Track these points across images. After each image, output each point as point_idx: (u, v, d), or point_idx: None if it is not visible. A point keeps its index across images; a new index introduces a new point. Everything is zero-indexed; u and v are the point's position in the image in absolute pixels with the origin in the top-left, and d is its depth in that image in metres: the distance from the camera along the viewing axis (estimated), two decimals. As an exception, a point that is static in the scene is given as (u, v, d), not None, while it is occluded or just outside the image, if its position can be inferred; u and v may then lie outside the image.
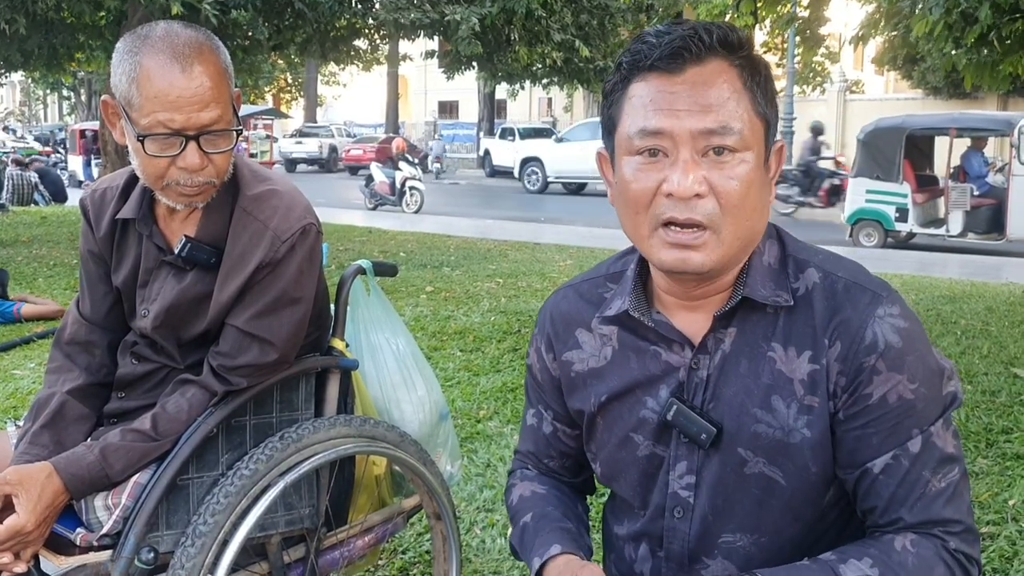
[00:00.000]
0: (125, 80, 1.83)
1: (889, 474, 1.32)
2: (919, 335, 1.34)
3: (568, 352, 1.56)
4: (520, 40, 13.65)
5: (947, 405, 1.36)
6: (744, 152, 1.29)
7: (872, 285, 1.36)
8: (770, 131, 1.34)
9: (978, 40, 5.95)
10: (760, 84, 1.32)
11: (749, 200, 1.31)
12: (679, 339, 1.43)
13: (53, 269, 9.77)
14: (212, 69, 1.84)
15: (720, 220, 1.30)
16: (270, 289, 1.99)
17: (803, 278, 1.39)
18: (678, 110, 1.29)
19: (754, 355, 1.38)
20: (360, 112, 55.64)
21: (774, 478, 1.38)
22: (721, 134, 1.28)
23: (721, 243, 1.32)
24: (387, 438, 2.25)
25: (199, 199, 1.94)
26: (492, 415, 4.72)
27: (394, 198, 19.18)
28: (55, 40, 12.90)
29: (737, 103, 1.29)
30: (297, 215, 2.01)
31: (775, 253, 1.42)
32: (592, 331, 1.54)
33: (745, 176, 1.29)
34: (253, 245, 1.97)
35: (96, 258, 2.12)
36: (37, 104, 62.06)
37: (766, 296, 1.37)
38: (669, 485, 1.46)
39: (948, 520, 1.31)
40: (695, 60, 1.29)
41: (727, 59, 1.30)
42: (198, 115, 1.82)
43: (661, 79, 1.31)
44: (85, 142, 25.54)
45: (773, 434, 1.36)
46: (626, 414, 1.49)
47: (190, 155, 1.84)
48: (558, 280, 9.29)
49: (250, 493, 1.99)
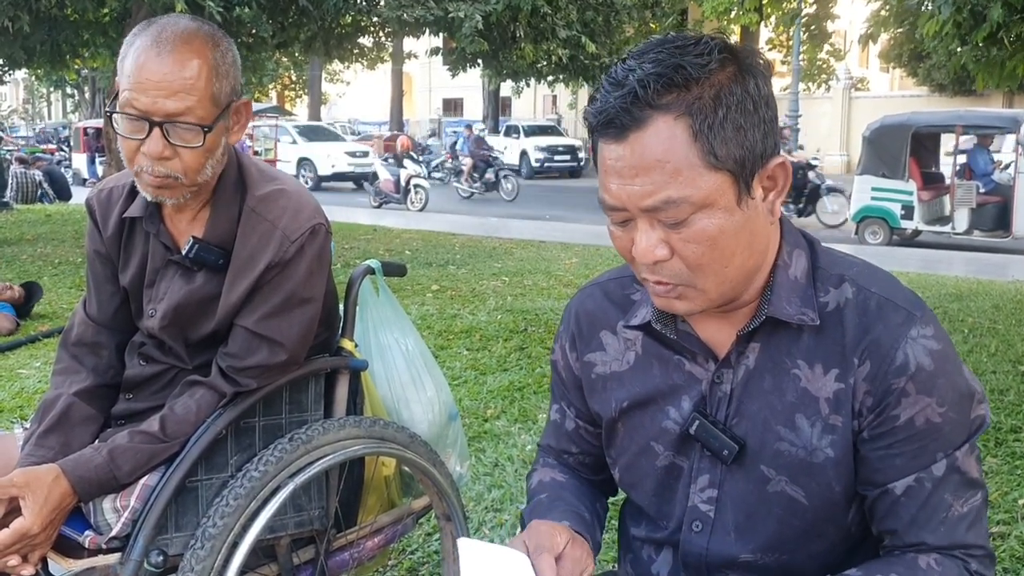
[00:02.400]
0: (120, 60, 1.85)
1: (911, 496, 1.30)
2: (951, 357, 1.31)
3: (591, 353, 1.54)
4: (525, 37, 13.66)
5: (974, 430, 1.32)
6: (698, 212, 1.22)
7: (906, 303, 1.32)
8: (746, 166, 1.23)
9: (987, 39, 5.91)
10: (719, 123, 1.20)
11: (720, 250, 1.25)
12: (702, 351, 1.40)
13: (58, 268, 9.77)
14: (196, 60, 1.81)
15: (691, 278, 1.27)
16: (279, 290, 1.97)
17: (834, 293, 1.34)
18: (625, 181, 1.23)
19: (779, 372, 1.35)
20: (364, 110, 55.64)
21: (796, 497, 1.35)
22: (663, 209, 1.21)
23: (702, 292, 1.29)
24: (397, 439, 2.24)
25: (165, 193, 1.89)
26: (500, 414, 4.71)
27: (399, 196, 19.18)
28: (58, 37, 12.91)
29: (680, 169, 1.20)
30: (306, 215, 1.99)
31: (803, 266, 1.36)
32: (617, 334, 1.51)
33: (707, 233, 1.23)
34: (262, 245, 1.95)
35: (103, 258, 2.11)
36: (41, 102, 62.08)
37: (791, 315, 1.32)
38: (689, 498, 1.43)
39: (971, 545, 1.30)
40: (635, 124, 1.20)
41: (670, 112, 1.19)
42: (164, 102, 1.79)
43: (609, 144, 1.24)
44: (89, 140, 25.53)
45: (796, 453, 1.34)
46: (648, 423, 1.46)
47: (151, 141, 1.82)
48: (564, 278, 9.28)
49: (260, 495, 1.97)
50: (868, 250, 12.47)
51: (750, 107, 1.22)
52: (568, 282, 9.04)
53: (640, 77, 1.19)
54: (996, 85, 7.36)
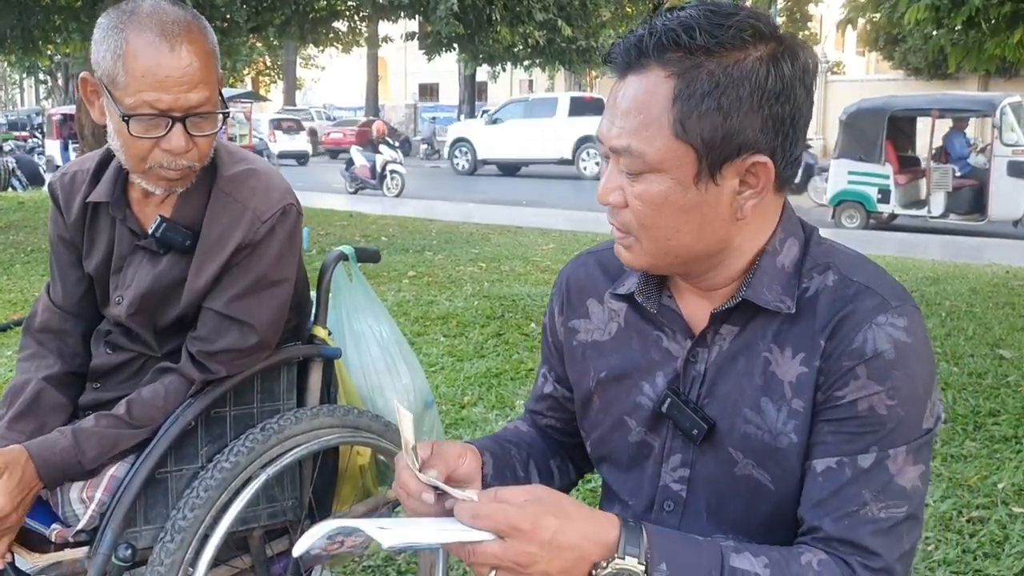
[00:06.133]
0: (109, 57, 1.76)
1: (827, 478, 1.24)
2: (920, 356, 1.24)
3: (576, 320, 1.53)
4: (501, 20, 13.58)
5: (918, 437, 1.24)
6: (651, 173, 1.23)
7: (885, 291, 1.27)
8: (715, 150, 1.21)
9: (965, 22, 5.91)
10: (701, 96, 1.19)
11: (663, 219, 1.25)
12: (681, 329, 1.39)
13: (30, 255, 9.67)
14: (200, 49, 1.79)
15: (637, 232, 1.28)
16: (249, 271, 1.93)
17: (816, 280, 1.31)
18: (609, 116, 1.27)
19: (752, 355, 1.33)
20: (339, 95, 55.35)
21: (763, 482, 1.32)
22: (623, 155, 1.24)
23: (645, 252, 1.30)
24: (372, 428, 2.20)
25: (180, 184, 1.89)
26: (477, 401, 4.68)
27: (375, 182, 19.07)
28: (29, 23, 12.73)
29: (648, 125, 1.22)
30: (277, 196, 1.96)
31: (793, 255, 1.34)
32: (603, 303, 1.50)
33: (651, 196, 1.24)
34: (232, 226, 1.92)
35: (67, 243, 2.05)
36: (13, 88, 61.40)
37: (768, 300, 1.30)
38: (661, 477, 1.41)
39: (869, 551, 1.21)
40: (634, 68, 1.24)
41: (664, 68, 1.21)
42: (186, 96, 1.76)
43: (614, 80, 1.28)
44: (61, 126, 25.28)
45: (762, 437, 1.31)
46: (623, 396, 1.44)
47: (175, 137, 1.78)
48: (541, 264, 9.25)
49: (231, 486, 1.93)
50: (844, 234, 12.50)
51: (746, 94, 1.20)
52: (545, 267, 9.01)
53: (657, 27, 1.22)
54: (974, 68, 7.37)
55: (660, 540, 1.19)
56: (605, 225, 1.39)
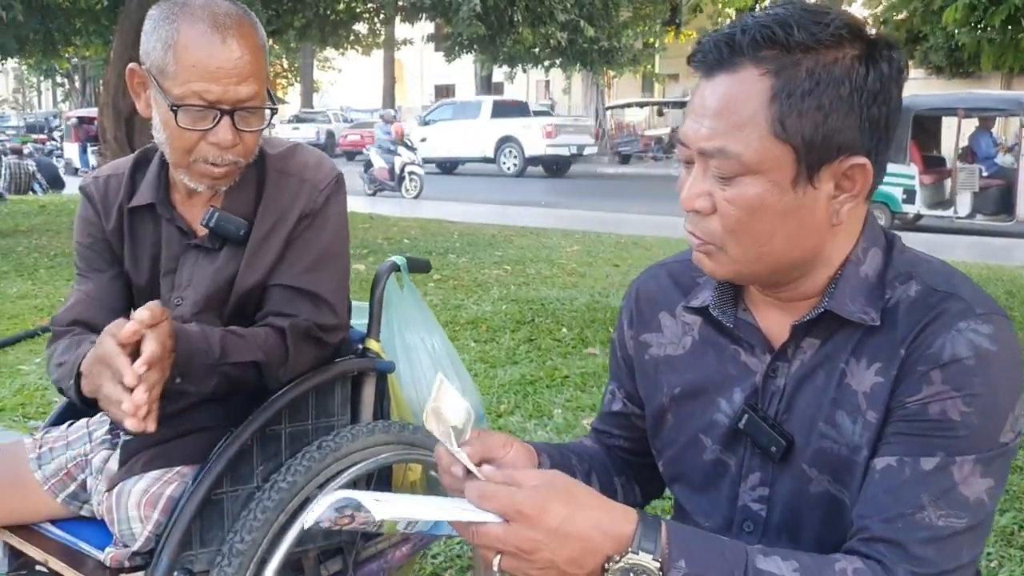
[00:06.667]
0: (160, 47, 1.74)
1: (885, 476, 1.16)
2: (1004, 366, 1.15)
3: (647, 334, 1.48)
4: (523, 21, 13.50)
5: (991, 449, 1.15)
6: (747, 175, 1.17)
7: (970, 298, 1.20)
8: (815, 150, 1.16)
9: (1004, 20, 5.82)
10: (802, 95, 1.14)
11: (758, 224, 1.19)
12: (759, 343, 1.33)
13: (54, 260, 9.63)
14: (251, 43, 1.77)
15: (723, 240, 1.22)
16: (314, 242, 1.94)
17: (899, 290, 1.25)
18: (696, 118, 1.20)
19: (831, 368, 1.26)
20: (356, 97, 55.37)
21: (840, 498, 1.25)
22: (715, 157, 1.18)
23: (732, 260, 1.24)
24: (426, 444, 2.14)
25: (223, 181, 1.86)
26: (513, 409, 4.59)
27: (393, 183, 19.05)
28: (51, 26, 12.75)
29: (744, 124, 1.16)
30: (328, 165, 2.01)
31: (876, 265, 1.27)
32: (676, 317, 1.45)
33: (748, 200, 1.18)
34: (292, 199, 1.93)
35: (103, 243, 1.98)
36: (31, 91, 61.68)
37: (852, 312, 1.24)
38: (740, 497, 1.34)
39: (920, 558, 1.12)
40: (724, 66, 1.18)
41: (760, 66, 1.15)
42: (236, 88, 1.74)
43: (700, 81, 1.22)
44: (79, 129, 25.38)
45: (839, 451, 1.24)
46: (698, 413, 1.39)
47: (223, 130, 1.76)
48: (567, 267, 9.17)
49: (288, 507, 1.87)
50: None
51: (846, 93, 1.15)
52: (572, 270, 8.93)
53: (748, 24, 1.17)
54: (1010, 67, 7.27)
55: (680, 536, 1.12)
56: (627, 226, 1.32)
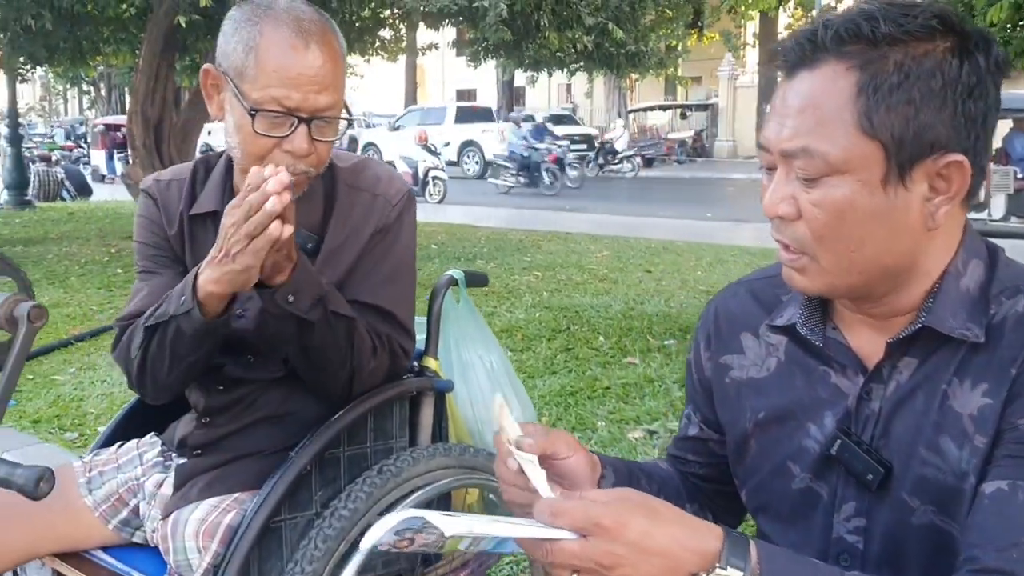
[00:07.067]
0: (241, 48, 1.68)
1: (995, 501, 1.08)
2: None
3: (728, 355, 1.40)
4: (549, 25, 13.42)
5: None
6: (833, 176, 1.10)
7: None
8: (905, 147, 1.09)
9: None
10: (889, 88, 1.08)
11: (847, 228, 1.12)
12: (851, 363, 1.25)
13: (84, 267, 9.63)
14: (333, 52, 1.72)
15: (813, 248, 1.15)
16: (387, 256, 1.89)
17: (1006, 305, 1.16)
18: (777, 119, 1.14)
19: (932, 389, 1.18)
20: (378, 102, 55.49)
21: (947, 530, 1.16)
22: (799, 157, 1.12)
23: (823, 271, 1.16)
24: (487, 468, 2.06)
25: (294, 191, 1.77)
26: (555, 422, 4.50)
27: (417, 188, 19.04)
28: (79, 34, 12.78)
29: (828, 121, 1.09)
30: (399, 181, 1.97)
31: (978, 277, 1.19)
32: (759, 337, 1.36)
33: (835, 201, 1.11)
34: (365, 214, 1.88)
35: (166, 244, 1.92)
36: (57, 99, 62.09)
37: (953, 327, 1.15)
38: (834, 528, 1.26)
39: None
40: (806, 63, 1.12)
41: (843, 61, 1.09)
42: (315, 97, 1.69)
43: (781, 82, 1.16)
44: (107, 136, 25.57)
45: (944, 479, 1.15)
46: (785, 440, 1.30)
47: (298, 138, 1.70)
48: (598, 272, 9.09)
49: (349, 536, 1.80)
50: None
51: (938, 87, 1.08)
52: (603, 276, 8.84)
53: (831, 20, 1.12)
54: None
55: (770, 556, 1.04)
56: (656, 231, 1.24)
